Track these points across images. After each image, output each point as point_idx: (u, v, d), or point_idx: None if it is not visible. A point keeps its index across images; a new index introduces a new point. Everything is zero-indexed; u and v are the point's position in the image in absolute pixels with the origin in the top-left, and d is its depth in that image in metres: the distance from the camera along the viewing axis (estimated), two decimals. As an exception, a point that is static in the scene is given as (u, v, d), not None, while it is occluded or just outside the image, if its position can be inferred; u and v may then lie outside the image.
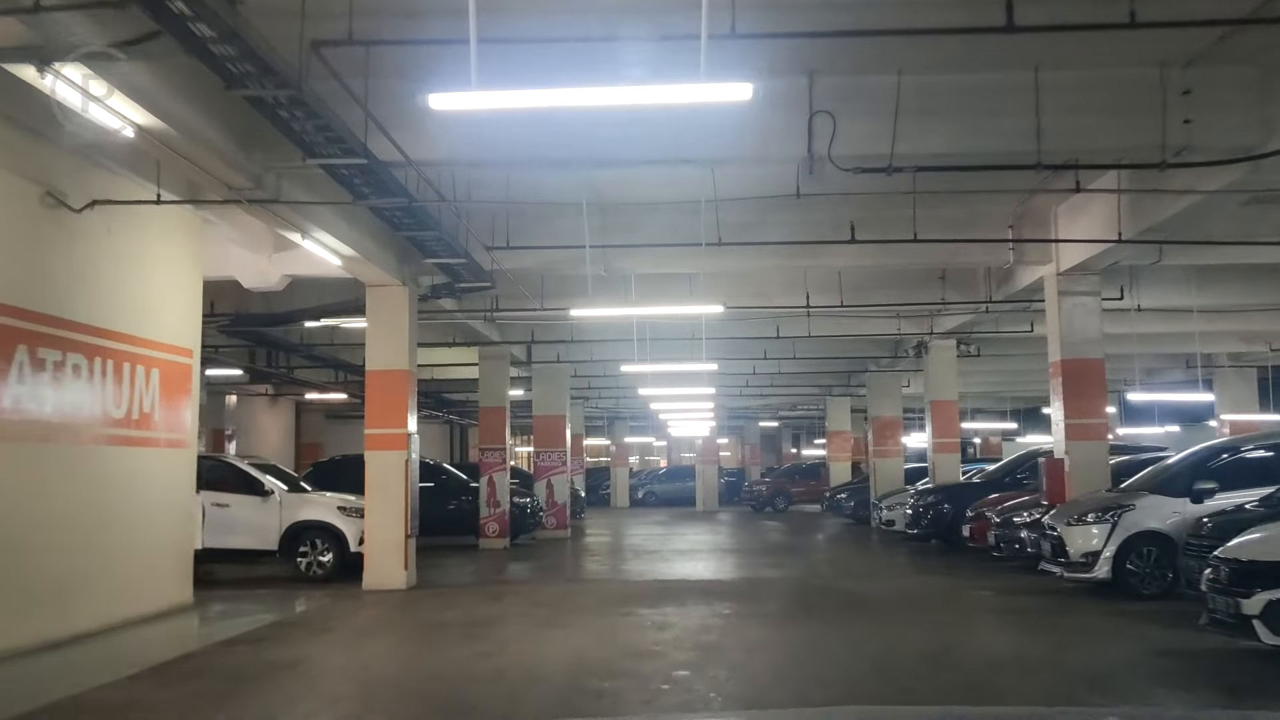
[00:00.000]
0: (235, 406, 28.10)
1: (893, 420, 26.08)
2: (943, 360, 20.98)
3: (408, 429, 14.04)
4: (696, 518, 32.46)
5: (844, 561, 18.46)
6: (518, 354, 22.56)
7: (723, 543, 22.53)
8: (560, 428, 23.77)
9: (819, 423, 42.29)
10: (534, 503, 22.13)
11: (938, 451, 20.89)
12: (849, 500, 27.95)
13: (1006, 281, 16.25)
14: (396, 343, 14.11)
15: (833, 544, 22.13)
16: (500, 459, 20.82)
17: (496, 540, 20.51)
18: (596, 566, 17.76)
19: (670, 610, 11.70)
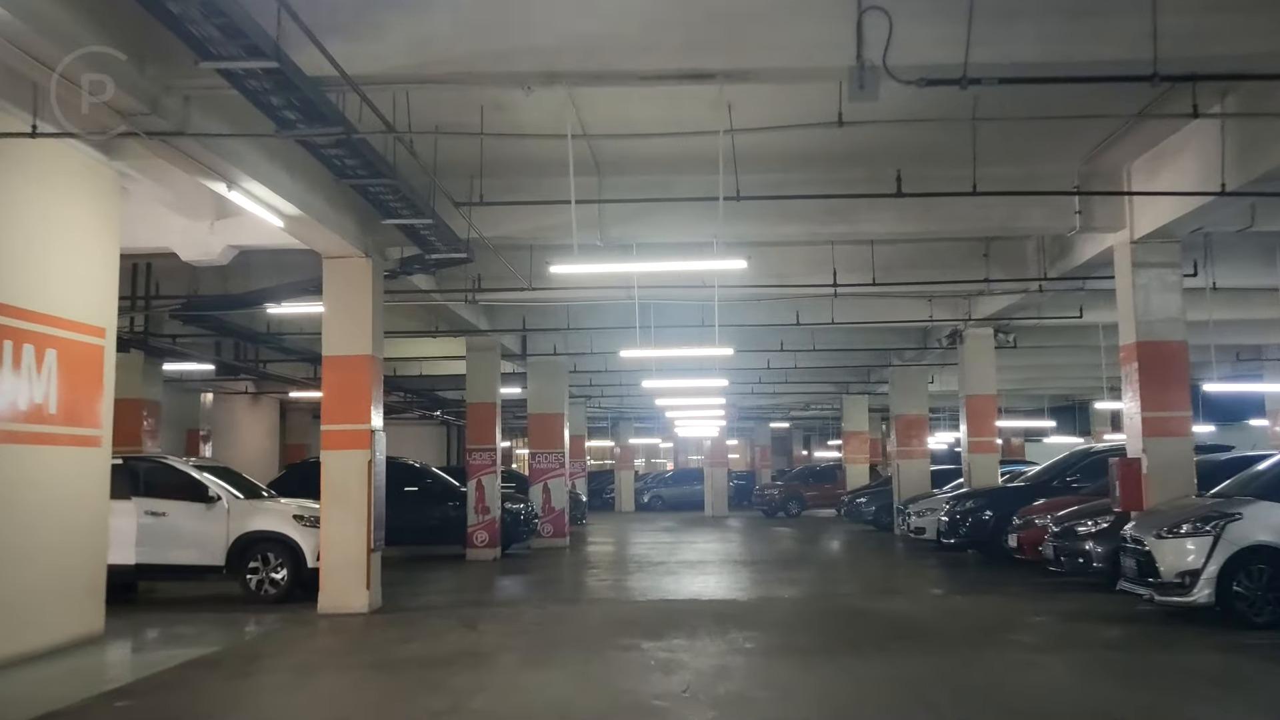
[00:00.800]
0: (211, 406, 25.94)
1: (918, 418, 23.85)
2: (979, 350, 18.75)
3: (371, 425, 11.87)
4: (705, 523, 30.24)
5: (875, 576, 16.23)
6: (510, 346, 20.37)
7: (735, 553, 20.32)
8: (557, 427, 21.57)
9: (833, 423, 40.12)
10: (528, 509, 19.94)
11: (974, 452, 18.66)
12: (869, 505, 25.71)
13: (1063, 256, 14.04)
14: (358, 324, 11.94)
15: (857, 554, 19.90)
16: (490, 460, 18.63)
17: (486, 551, 18.32)
18: (594, 582, 15.55)
19: (679, 643, 9.50)
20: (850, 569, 17.22)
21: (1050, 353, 22.68)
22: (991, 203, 11.81)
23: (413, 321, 17.97)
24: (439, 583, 15.23)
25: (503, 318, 18.62)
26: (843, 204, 11.88)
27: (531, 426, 21.74)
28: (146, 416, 17.31)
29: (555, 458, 21.45)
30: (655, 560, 18.15)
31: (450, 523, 18.64)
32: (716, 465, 34.40)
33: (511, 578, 16.24)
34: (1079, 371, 27.88)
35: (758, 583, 14.88)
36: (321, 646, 9.81)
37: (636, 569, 16.86)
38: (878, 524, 25.24)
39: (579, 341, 21.08)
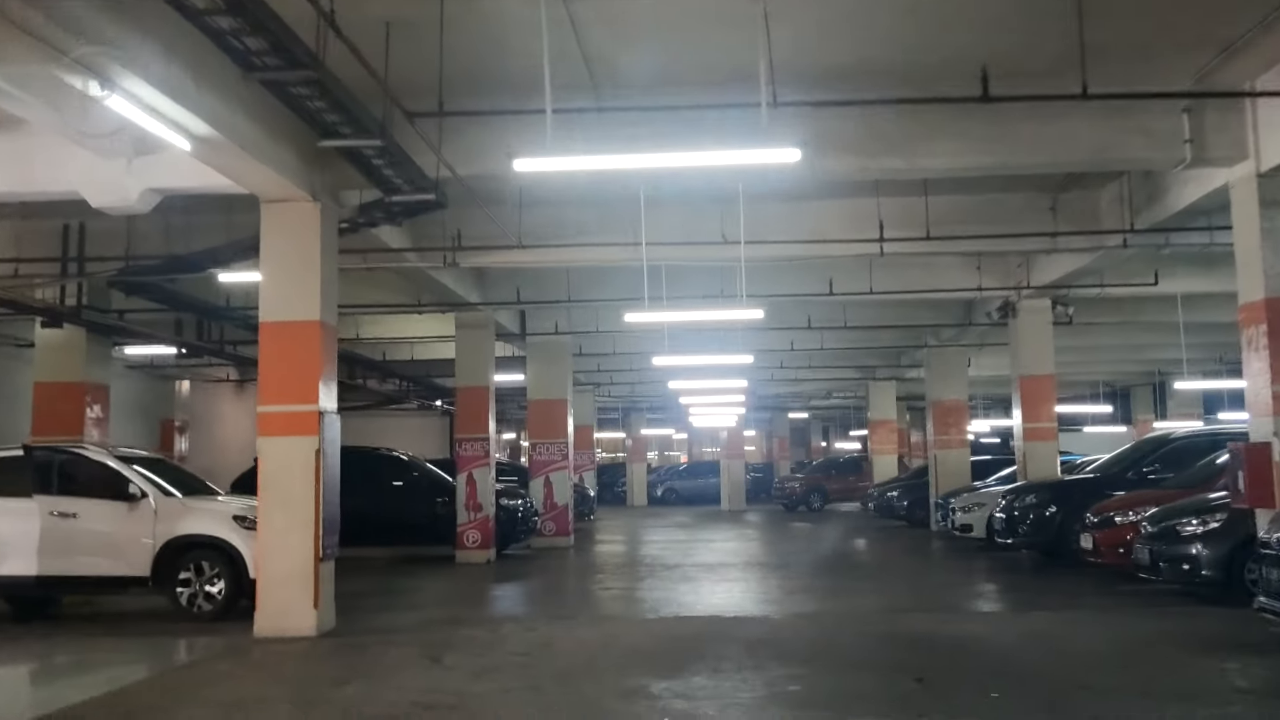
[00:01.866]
0: (189, 394, 23.68)
1: (957, 404, 21.43)
2: (1035, 325, 16.30)
3: (319, 405, 9.54)
4: (722, 519, 27.87)
5: (926, 584, 13.83)
6: (507, 324, 18.03)
7: (758, 554, 17.93)
8: (560, 414, 19.21)
9: (854, 413, 37.74)
10: (528, 505, 17.60)
11: (1030, 439, 16.22)
12: (902, 499, 23.28)
13: (1153, 203, 11.62)
14: (303, 282, 9.60)
15: (897, 556, 17.49)
16: (482, 451, 16.29)
17: (478, 553, 15.98)
18: (598, 592, 13.21)
19: (701, 684, 7.15)
20: (895, 575, 14.79)
21: (1100, 332, 20.22)
22: (1081, 129, 9.45)
23: (392, 293, 15.65)
24: (415, 593, 12.90)
25: (495, 288, 16.27)
26: (898, 132, 9.49)
27: (531, 414, 19.39)
28: (91, 403, 15.02)
29: (558, 448, 19.10)
30: (669, 563, 15.79)
31: (440, 521, 16.35)
32: (734, 457, 32.02)
33: (502, 586, 13.91)
34: (1123, 354, 25.39)
35: (790, 593, 12.50)
36: (233, 692, 7.48)
37: (647, 574, 14.50)
38: (911, 519, 22.84)
39: (583, 319, 18.74)
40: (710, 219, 12.37)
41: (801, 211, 12.78)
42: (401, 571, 15.29)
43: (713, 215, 12.32)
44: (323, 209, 9.62)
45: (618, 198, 12.27)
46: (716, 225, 12.33)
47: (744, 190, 11.33)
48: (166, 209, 12.28)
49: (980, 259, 15.72)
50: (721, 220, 12.22)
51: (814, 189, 12.60)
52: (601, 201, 12.65)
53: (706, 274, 14.63)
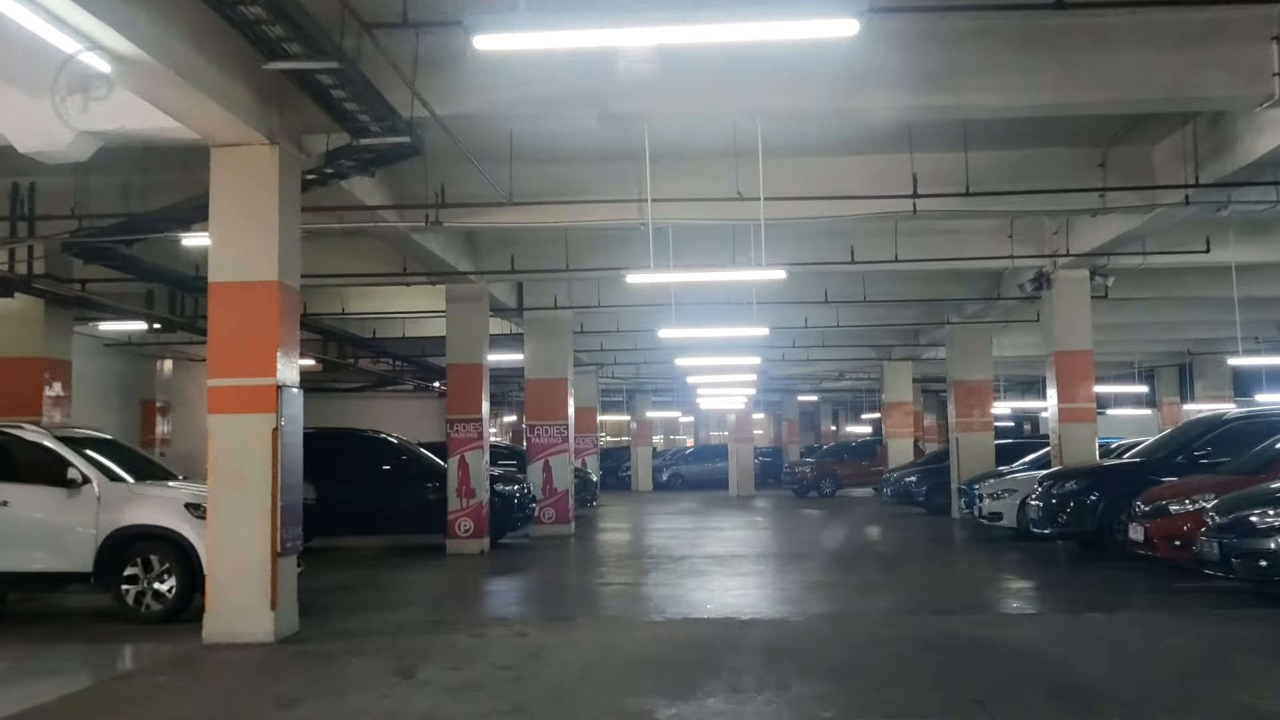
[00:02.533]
0: (171, 374, 22.49)
1: (981, 385, 20.19)
2: (1072, 297, 15.01)
3: (277, 378, 8.33)
4: (731, 504, 26.68)
5: (959, 578, 12.63)
6: (502, 298, 16.80)
7: (772, 543, 16.73)
8: (560, 394, 17.99)
9: (866, 396, 36.51)
10: (524, 491, 16.40)
11: (1066, 421, 14.95)
12: (919, 485, 22.05)
13: (1220, 154, 10.34)
14: (259, 237, 8.38)
15: (922, 546, 16.28)
16: (475, 433, 15.08)
17: (470, 542, 14.79)
18: (598, 587, 12.02)
19: (717, 709, 5.97)
20: (923, 568, 13.57)
21: (1132, 308, 18.89)
22: (1155, 62, 8.20)
23: (377, 262, 14.43)
24: (397, 589, 11.72)
25: (488, 257, 15.03)
26: (944, 66, 8.22)
27: (530, 395, 18.17)
28: (51, 380, 13.84)
29: (558, 431, 17.88)
30: (675, 554, 14.58)
31: (431, 508, 15.16)
32: (742, 440, 30.80)
33: (494, 580, 12.74)
34: (1153, 332, 24.08)
35: (811, 589, 11.28)
36: (158, 712, 6.29)
37: (652, 566, 13.30)
38: (929, 506, 21.62)
39: (584, 293, 17.54)
40: (722, 175, 11.11)
41: (825, 169, 11.54)
42: (387, 563, 14.13)
43: (724, 171, 11.06)
44: (281, 154, 8.38)
45: (620, 152, 11.05)
46: (729, 183, 11.06)
47: (763, 142, 10.05)
48: (124, 165, 11.18)
49: (1013, 225, 14.49)
50: (736, 176, 10.94)
51: (839, 143, 11.37)
52: (602, 156, 11.42)
53: (718, 238, 13.35)
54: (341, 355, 22.75)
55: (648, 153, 10.27)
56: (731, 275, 12.79)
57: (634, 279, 12.37)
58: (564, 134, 10.57)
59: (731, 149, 10.69)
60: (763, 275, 11.64)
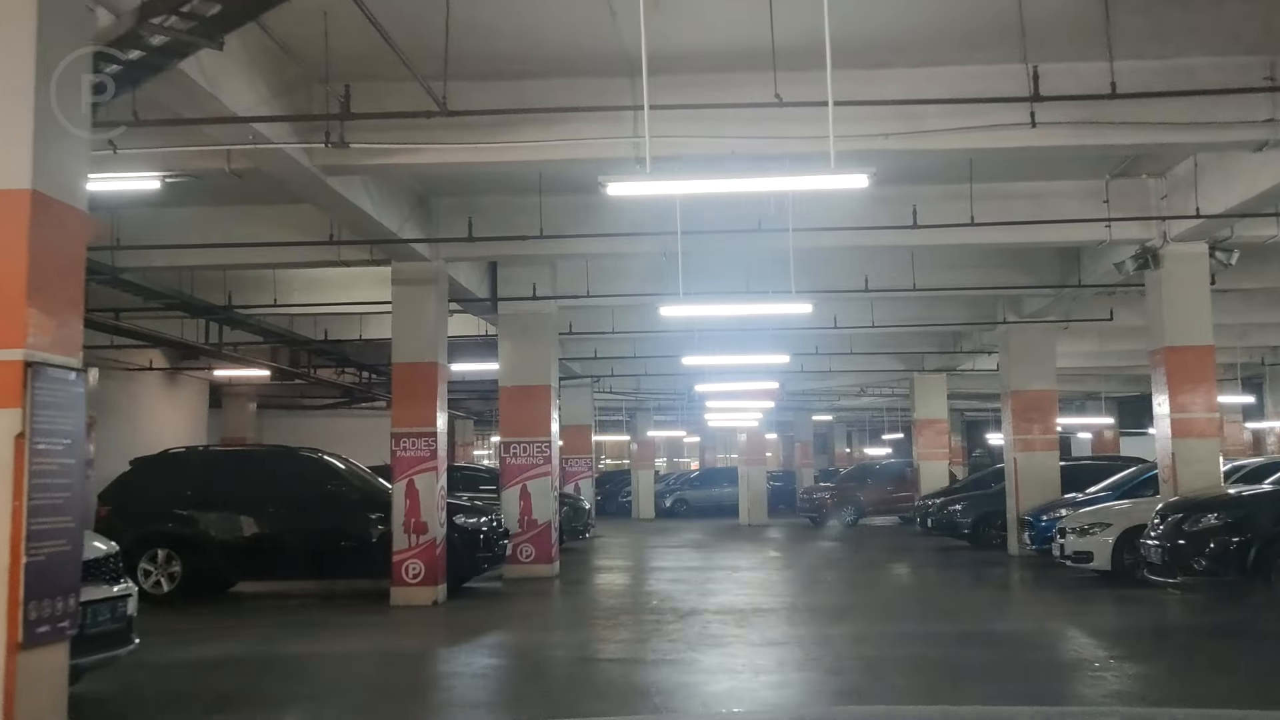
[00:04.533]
0: (97, 385, 19.05)
1: (1044, 396, 16.78)
2: (1187, 278, 11.62)
3: (26, 350, 4.95)
4: (742, 535, 23.20)
5: (1083, 652, 9.15)
6: (468, 284, 13.41)
7: (801, 589, 13.30)
8: (541, 405, 14.57)
9: (886, 415, 33.06)
10: (494, 523, 12.98)
11: (1182, 435, 11.51)
12: (964, 515, 18.56)
13: None
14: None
15: (998, 596, 12.91)
16: (427, 451, 11.68)
17: (421, 590, 11.37)
18: (579, 664, 8.56)
19: None
20: (1020, 630, 10.04)
21: (1231, 300, 15.53)
22: None
23: (298, 229, 11.10)
24: (289, 673, 8.27)
25: (443, 221, 11.73)
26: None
27: (504, 406, 14.75)
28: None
29: (539, 450, 14.45)
30: (683, 606, 11.15)
31: (376, 545, 11.78)
32: (754, 463, 27.34)
33: (435, 654, 9.28)
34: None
35: (875, 670, 7.83)
36: None
37: (654, 627, 9.84)
38: (977, 539, 18.15)
39: (570, 277, 14.23)
40: (752, 88, 7.76)
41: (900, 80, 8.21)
42: (303, 623, 10.70)
43: (756, 85, 7.71)
44: (41, 5, 5.04)
45: (606, 60, 7.71)
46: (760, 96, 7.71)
47: (806, 43, 6.69)
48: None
49: (1108, 187, 11.20)
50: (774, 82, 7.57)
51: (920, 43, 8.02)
52: (582, 67, 8.09)
53: (738, 206, 10.03)
54: (294, 363, 19.39)
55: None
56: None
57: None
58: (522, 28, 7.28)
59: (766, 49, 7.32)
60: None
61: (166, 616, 11.05)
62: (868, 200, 10.92)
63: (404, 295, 11.95)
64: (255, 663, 8.46)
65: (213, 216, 11.66)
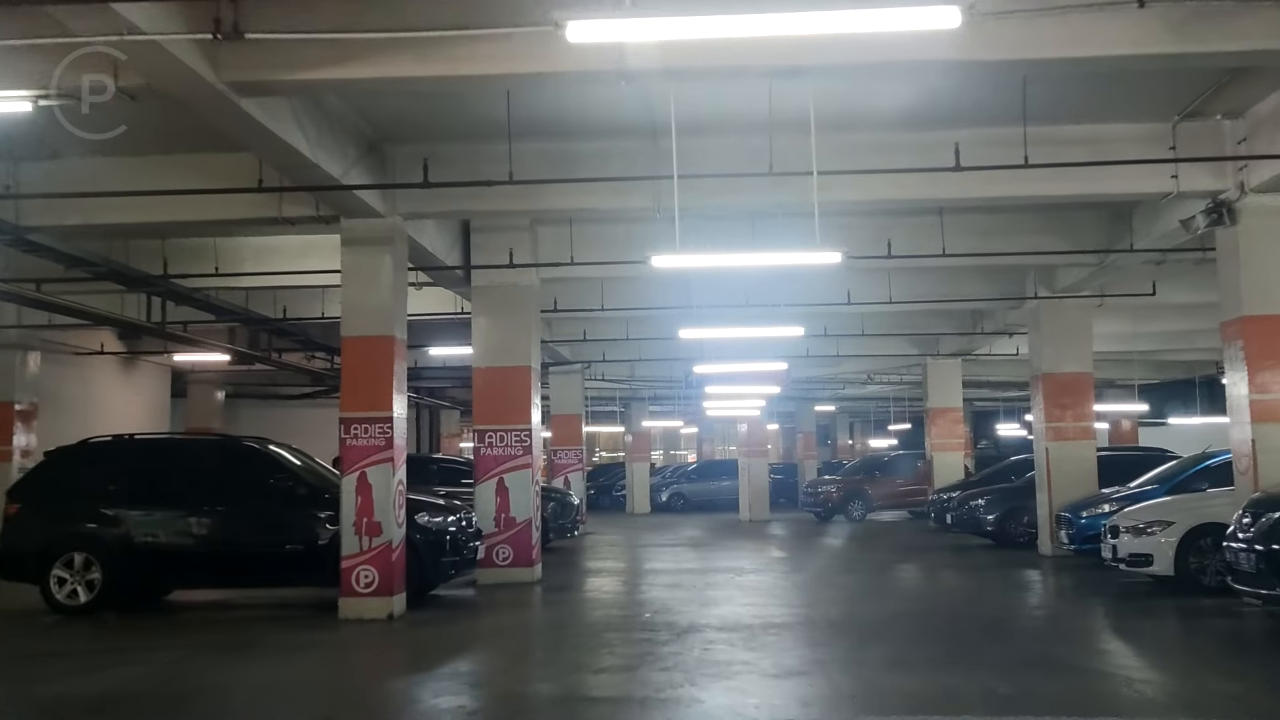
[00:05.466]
0: (38, 370, 17.31)
1: (1079, 379, 15.06)
2: (1268, 235, 9.86)
3: None
4: (743, 532, 21.47)
5: (1178, 680, 7.40)
6: (434, 250, 11.67)
7: (817, 596, 11.56)
8: (520, 389, 12.80)
9: (893, 405, 31.35)
10: (463, 523, 11.24)
11: (1263, 420, 9.73)
12: (988, 510, 16.83)
13: None
14: None
15: (1044, 604, 11.20)
16: (382, 439, 9.94)
17: (374, 601, 9.66)
18: (548, 708, 6.80)
19: None
20: (1103, 661, 8.25)
21: None
22: None
23: (230, 180, 9.32)
24: (180, 710, 6.52)
25: (400, 173, 9.97)
26: None
27: (478, 389, 12.99)
28: None
29: (517, 439, 12.70)
30: (681, 620, 9.41)
31: (325, 550, 10.06)
32: (755, 455, 25.58)
33: (377, 689, 7.50)
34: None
35: (924, 710, 6.09)
36: None
37: (645, 651, 8.09)
38: (1002, 537, 16.47)
39: (554, 244, 12.52)
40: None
41: None
42: (232, 642, 8.95)
43: None
44: None
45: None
46: None
47: None
48: None
49: (1175, 132, 9.48)
50: None
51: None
52: None
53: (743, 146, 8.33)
54: (254, 345, 17.61)
55: None
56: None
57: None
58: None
59: None
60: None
61: (76, 633, 9.38)
62: (901, 147, 9.33)
63: (355, 258, 10.18)
64: (151, 701, 6.73)
65: (134, 168, 9.87)
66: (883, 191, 9.78)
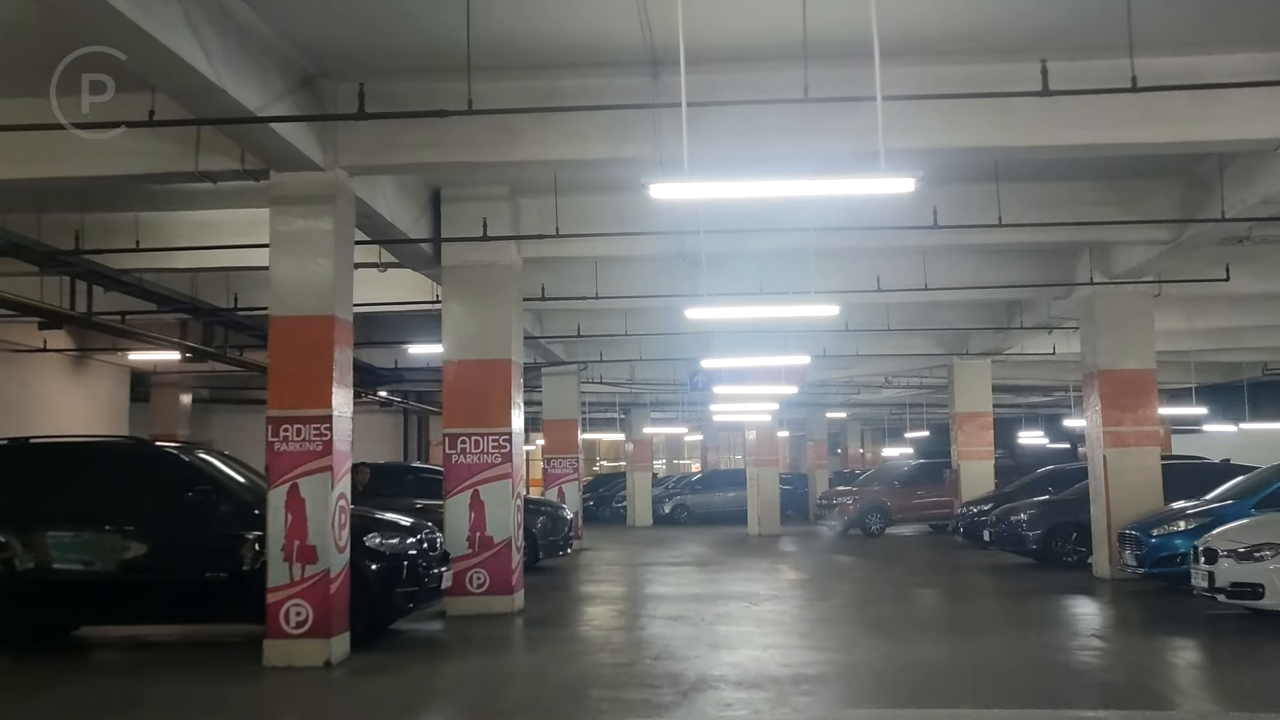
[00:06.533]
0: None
1: (1141, 376, 13.08)
2: None
3: None
4: (754, 549, 19.46)
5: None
6: (394, 218, 9.71)
7: (856, 640, 9.53)
8: (498, 385, 10.81)
9: (910, 411, 29.36)
10: (429, 544, 9.24)
11: None
12: (1031, 526, 14.79)
13: None
14: None
15: (1148, 650, 9.09)
16: (319, 444, 7.95)
17: (309, 646, 7.68)
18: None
19: None
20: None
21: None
22: None
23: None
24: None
25: (335, 102, 8.00)
26: None
27: (448, 387, 10.99)
28: None
29: (495, 445, 10.71)
30: (688, 672, 7.40)
31: (253, 578, 8.08)
32: (765, 464, 23.55)
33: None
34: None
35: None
36: None
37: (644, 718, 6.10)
38: (1046, 556, 14.48)
39: (537, 214, 10.58)
40: None
41: None
42: (113, 700, 6.98)
43: None
44: None
45: None
46: None
47: None
48: None
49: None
50: None
51: None
52: None
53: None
54: (207, 340, 15.65)
55: None
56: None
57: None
58: None
59: None
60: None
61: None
62: (977, 79, 7.39)
63: (287, 221, 8.20)
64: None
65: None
66: (948, 137, 7.80)
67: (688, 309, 9.88)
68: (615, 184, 10.44)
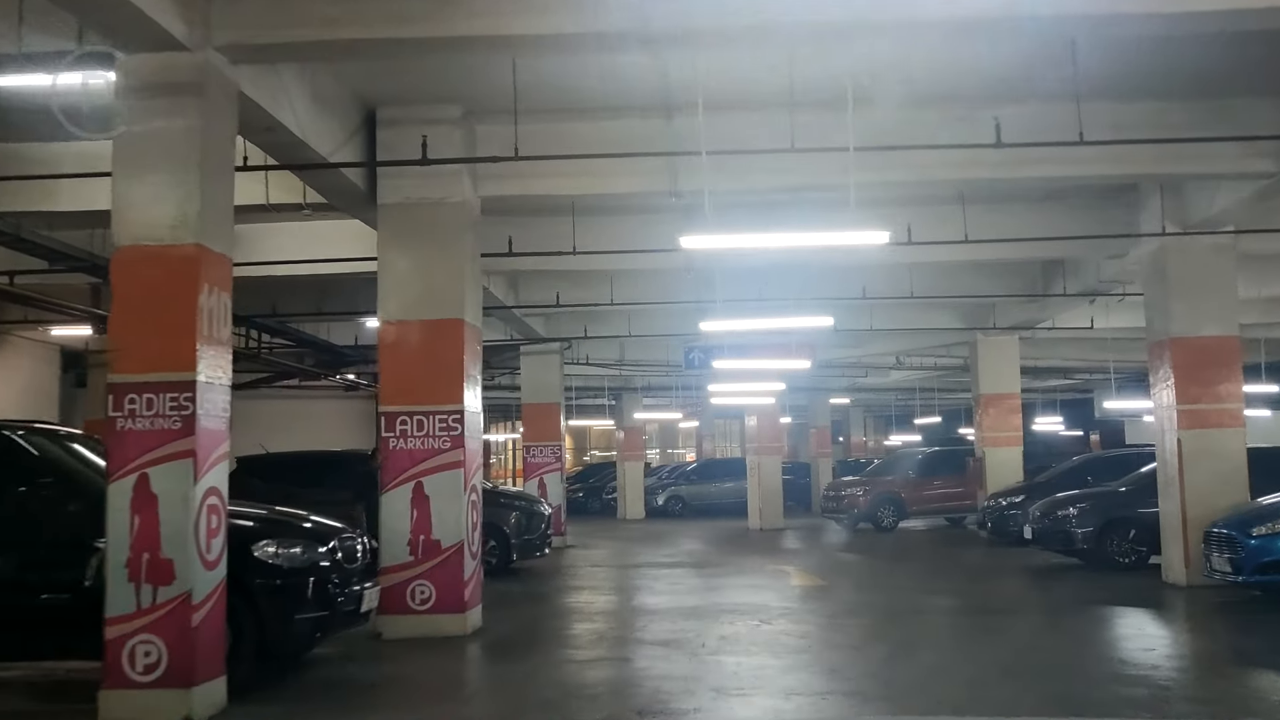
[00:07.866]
0: None
1: (1224, 344, 10.89)
2: None
3: None
4: (757, 546, 17.26)
5: None
6: (302, 134, 7.46)
7: (900, 673, 7.29)
8: (447, 354, 8.58)
9: (921, 394, 27.21)
10: (339, 553, 7.00)
11: None
12: (1081, 522, 12.59)
13: None
14: None
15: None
16: (178, 422, 5.73)
17: (162, 696, 5.49)
18: None
19: None
20: None
21: None
22: None
23: None
24: None
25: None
26: None
27: (384, 354, 8.75)
28: None
29: (443, 425, 8.49)
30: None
31: (99, 600, 5.82)
32: (767, 452, 21.33)
33: None
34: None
35: None
36: None
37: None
38: (1097, 557, 12.33)
39: (494, 129, 8.39)
40: None
41: None
42: None
43: None
44: None
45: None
46: None
47: None
48: None
49: None
50: None
51: None
52: None
53: None
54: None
55: None
56: None
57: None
58: None
59: None
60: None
61: None
62: None
63: (139, 119, 5.96)
64: None
65: None
66: None
67: (683, 237, 7.60)
68: (592, 105, 8.22)
